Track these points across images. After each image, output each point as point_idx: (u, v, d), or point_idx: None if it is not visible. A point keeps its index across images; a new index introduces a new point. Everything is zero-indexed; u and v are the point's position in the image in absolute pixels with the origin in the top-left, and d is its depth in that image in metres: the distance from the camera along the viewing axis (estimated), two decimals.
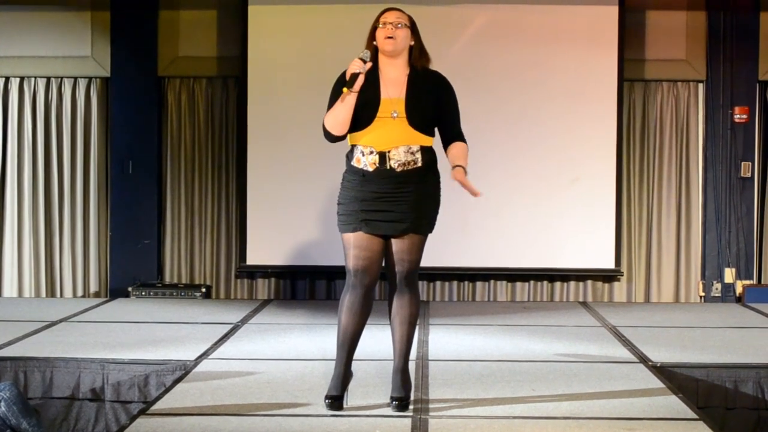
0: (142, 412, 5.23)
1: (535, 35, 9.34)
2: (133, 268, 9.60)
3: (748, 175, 9.51)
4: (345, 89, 5.05)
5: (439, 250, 8.86)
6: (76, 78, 9.73)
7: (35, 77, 9.73)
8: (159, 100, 9.70)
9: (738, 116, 9.47)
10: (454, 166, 5.15)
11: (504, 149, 9.38)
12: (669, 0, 9.55)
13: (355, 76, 5.05)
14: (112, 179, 9.68)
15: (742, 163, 9.49)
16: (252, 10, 9.37)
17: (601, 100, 9.33)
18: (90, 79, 9.73)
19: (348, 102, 5.07)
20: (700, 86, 9.63)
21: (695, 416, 5.15)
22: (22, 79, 9.74)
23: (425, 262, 8.96)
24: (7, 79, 9.75)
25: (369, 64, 5.09)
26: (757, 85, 9.56)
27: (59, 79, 9.74)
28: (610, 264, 9.44)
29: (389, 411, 5.18)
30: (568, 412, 5.20)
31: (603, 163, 9.36)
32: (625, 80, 9.43)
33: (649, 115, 9.65)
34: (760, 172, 9.67)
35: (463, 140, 5.26)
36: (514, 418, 5.09)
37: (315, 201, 9.35)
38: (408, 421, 5.01)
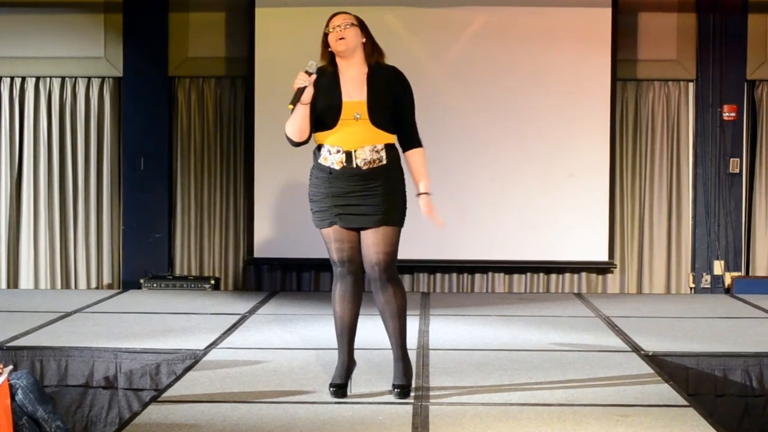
0: (154, 400, 5.34)
1: (531, 36, 9.40)
2: (145, 260, 9.68)
3: (737, 171, 9.57)
4: (290, 106, 5.08)
5: (439, 244, 9.03)
6: (89, 78, 9.81)
7: (50, 77, 9.80)
8: (169, 99, 9.77)
9: (727, 114, 9.52)
10: (419, 194, 5.23)
11: (501, 147, 9.45)
12: (660, 2, 9.61)
13: (301, 90, 5.08)
14: (125, 175, 9.75)
15: (731, 159, 9.56)
16: (259, 12, 9.43)
17: (595, 98, 9.39)
18: (103, 78, 9.80)
19: (301, 113, 5.11)
20: (691, 85, 9.69)
21: (685, 403, 5.26)
22: (37, 78, 9.81)
23: (426, 254, 9.28)
24: (23, 78, 9.82)
25: (314, 77, 5.11)
26: (745, 84, 9.63)
27: (73, 79, 9.81)
28: (603, 257, 9.51)
29: (391, 398, 5.28)
30: (564, 399, 5.30)
31: (597, 159, 9.43)
32: (618, 80, 9.50)
33: (641, 113, 9.72)
34: (748, 168, 9.72)
35: (419, 144, 5.29)
36: (512, 405, 5.18)
37: None
38: (409, 408, 5.11)
